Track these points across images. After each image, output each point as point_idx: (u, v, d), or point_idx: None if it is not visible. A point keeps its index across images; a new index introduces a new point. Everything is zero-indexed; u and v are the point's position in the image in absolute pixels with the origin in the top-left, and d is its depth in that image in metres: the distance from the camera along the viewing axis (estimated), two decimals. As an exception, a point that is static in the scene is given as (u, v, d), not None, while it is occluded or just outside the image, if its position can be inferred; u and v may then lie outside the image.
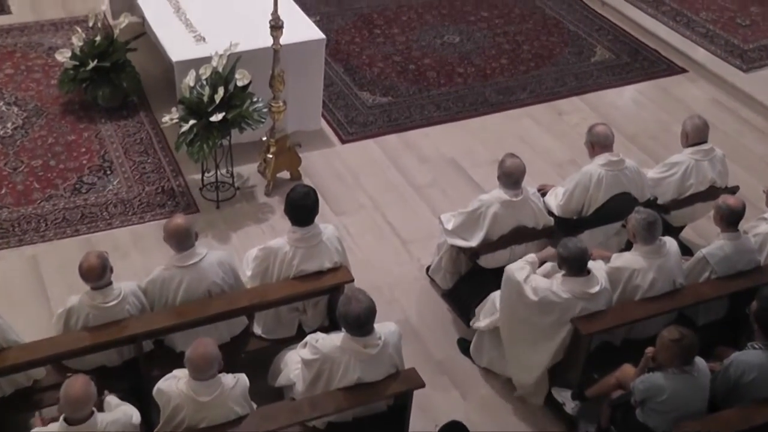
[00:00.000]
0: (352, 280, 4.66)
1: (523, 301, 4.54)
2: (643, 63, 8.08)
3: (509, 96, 7.48)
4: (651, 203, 5.30)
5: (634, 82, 7.81)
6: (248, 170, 6.37)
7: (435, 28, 8.40)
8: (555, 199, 5.32)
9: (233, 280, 4.60)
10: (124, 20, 6.62)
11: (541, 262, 4.73)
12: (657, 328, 4.43)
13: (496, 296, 4.82)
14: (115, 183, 6.19)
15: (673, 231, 5.47)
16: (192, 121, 5.65)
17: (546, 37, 8.39)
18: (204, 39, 6.24)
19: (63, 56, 6.67)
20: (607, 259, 4.78)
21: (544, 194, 5.37)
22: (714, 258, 4.78)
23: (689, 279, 4.81)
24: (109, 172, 6.28)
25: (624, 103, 7.58)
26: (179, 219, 4.47)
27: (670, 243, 4.74)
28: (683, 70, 8.02)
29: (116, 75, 6.72)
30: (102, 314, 4.32)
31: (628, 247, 4.97)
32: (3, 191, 6.03)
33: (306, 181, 6.30)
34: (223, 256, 4.60)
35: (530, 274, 4.58)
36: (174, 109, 5.78)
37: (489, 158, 6.56)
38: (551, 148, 6.90)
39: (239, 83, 5.78)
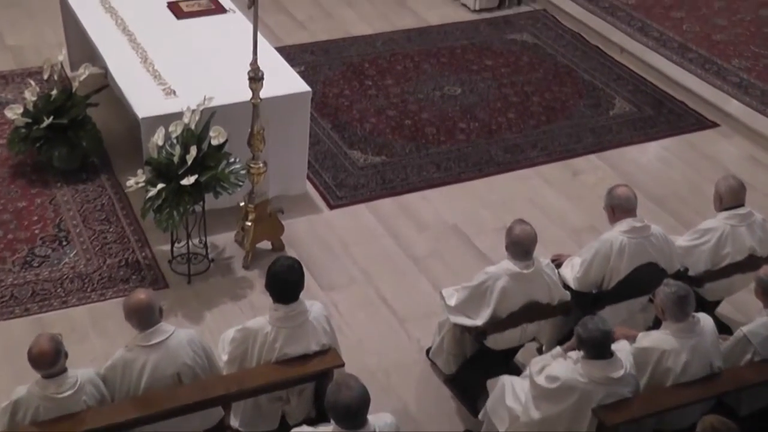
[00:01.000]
0: (343, 365, 4.68)
1: (538, 395, 4.54)
2: (669, 116, 8.25)
3: (518, 154, 7.62)
4: (681, 275, 5.35)
5: (659, 138, 7.96)
6: (224, 240, 6.44)
7: (434, 78, 8.59)
8: (571, 271, 5.38)
9: (206, 361, 4.62)
10: (84, 72, 6.77)
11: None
12: (693, 419, 4.43)
13: (506, 384, 4.83)
14: (71, 255, 6.25)
15: (708, 306, 5.50)
16: (160, 185, 5.74)
17: (558, 87, 8.58)
18: (174, 92, 6.38)
19: (14, 113, 6.78)
20: (632, 339, 4.79)
21: (558, 265, 5.42)
22: (756, 337, 4.79)
23: (728, 361, 4.82)
24: (65, 243, 6.34)
25: (648, 161, 7.72)
26: (141, 293, 4.52)
27: (704, 320, 4.77)
28: (714, 124, 8.19)
29: (74, 133, 6.84)
30: (55, 406, 4.32)
31: (656, 325, 5.00)
32: (-57, 265, 6.08)
33: (290, 252, 6.37)
34: (194, 334, 4.63)
35: (546, 364, 4.60)
36: (140, 172, 5.87)
37: (496, 225, 6.65)
38: (566, 212, 7.01)
39: (214, 142, 5.89)
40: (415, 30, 9.43)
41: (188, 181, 5.69)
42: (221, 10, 7.40)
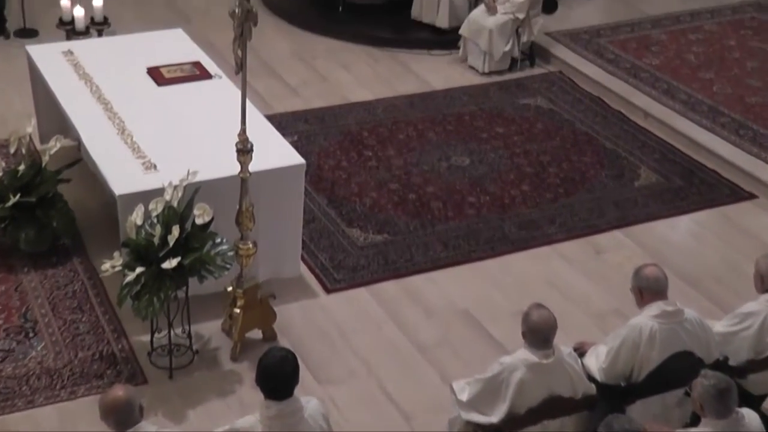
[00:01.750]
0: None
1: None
2: (701, 187, 8.32)
3: (534, 230, 7.67)
4: (721, 365, 5.32)
5: (690, 212, 8.02)
6: (210, 329, 6.44)
7: (439, 148, 8.69)
8: (596, 361, 5.36)
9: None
10: (55, 144, 6.85)
11: None
12: None
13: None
14: (39, 348, 6.24)
15: (753, 400, 5.40)
16: (139, 269, 5.77)
17: (577, 156, 8.67)
18: (154, 166, 6.45)
19: (-23, 190, 6.83)
20: (667, 438, 4.77)
21: (582, 354, 5.41)
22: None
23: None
24: (31, 335, 6.34)
25: (679, 237, 7.76)
26: (118, 390, 4.52)
27: (749, 416, 4.74)
28: (751, 195, 8.25)
29: (44, 212, 6.88)
30: None
31: (694, 421, 4.97)
32: None
33: (282, 341, 6.36)
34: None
35: None
36: (116, 254, 5.90)
37: (511, 309, 6.64)
38: (589, 295, 7.02)
39: (198, 221, 5.94)
40: (419, 95, 9.58)
41: (170, 264, 5.72)
42: (206, 75, 7.53)
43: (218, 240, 5.98)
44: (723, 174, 8.46)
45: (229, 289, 6.26)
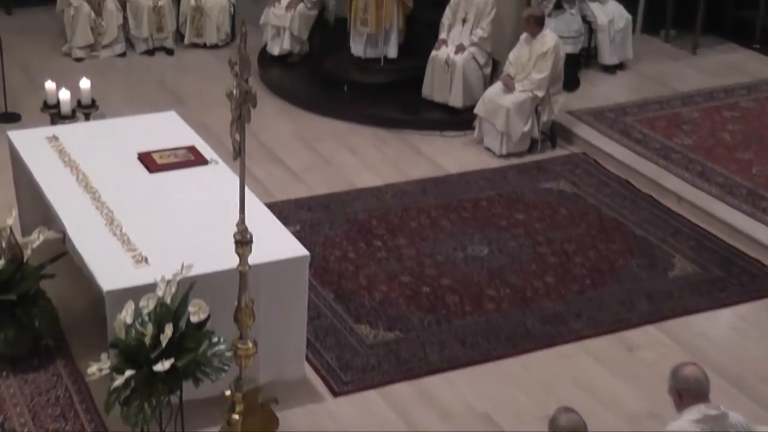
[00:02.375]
0: None
1: None
2: (741, 277, 8.31)
3: (559, 326, 7.65)
4: (768, 473, 5.30)
5: (730, 304, 7.99)
6: (204, 438, 6.40)
7: (455, 236, 8.73)
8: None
9: None
10: (38, 237, 6.89)
11: None
12: None
13: None
14: (17, 460, 6.19)
15: None
16: (129, 372, 5.75)
17: (605, 244, 8.69)
18: (146, 260, 6.48)
19: (-48, 287, 6.85)
20: None
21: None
22: None
23: None
24: (9, 446, 6.29)
25: (720, 333, 7.72)
26: None
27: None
28: (796, 286, 8.25)
29: (25, 311, 6.89)
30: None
31: None
32: None
33: (284, 451, 6.32)
34: None
35: None
36: (104, 356, 5.89)
37: (536, 413, 6.59)
38: (621, 396, 6.97)
39: (193, 318, 5.94)
40: (432, 180, 9.65)
41: (162, 366, 5.70)
42: (201, 161, 7.61)
43: (215, 339, 5.98)
44: (766, 263, 8.46)
45: (227, 392, 6.23)
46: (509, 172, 9.83)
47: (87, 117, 9.30)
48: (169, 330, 5.79)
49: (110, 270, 6.36)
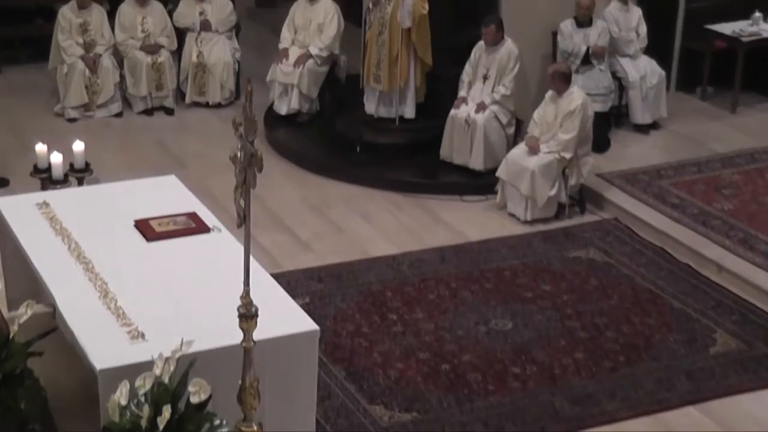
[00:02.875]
0: None
1: None
2: (788, 353, 8.27)
3: (591, 407, 7.59)
4: None
5: (777, 383, 7.95)
6: None
7: (476, 309, 8.70)
8: None
9: None
10: (26, 311, 6.86)
11: None
12: None
13: None
14: None
15: None
16: (122, 458, 5.72)
17: (640, 318, 8.65)
18: (142, 335, 6.46)
19: (-66, 365, 6.84)
20: None
21: None
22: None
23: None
24: None
25: (767, 414, 7.66)
26: None
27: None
28: None
29: (10, 392, 6.85)
30: None
31: None
32: None
33: None
34: None
35: None
36: (96, 440, 5.86)
37: (568, 503, 6.54)
38: (661, 484, 6.90)
39: (194, 399, 5.90)
40: (451, 248, 9.65)
41: (159, 451, 5.67)
42: (203, 228, 7.61)
43: (217, 422, 5.93)
44: (815, 337, 8.41)
45: (229, 481, 6.18)
46: (535, 240, 9.82)
47: (80, 182, 9.34)
48: (167, 412, 5.75)
49: (104, 347, 6.33)
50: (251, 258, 5.94)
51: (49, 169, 9.28)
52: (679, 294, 8.98)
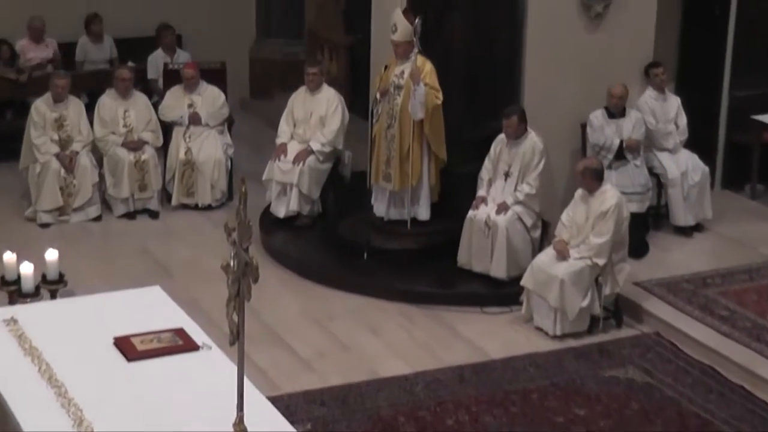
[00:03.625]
0: None
1: None
2: None
3: None
4: None
5: None
6: None
7: (501, 437, 8.63)
8: None
9: None
10: (-9, 442, 6.83)
11: None
12: None
13: None
14: None
15: None
16: None
17: (687, 446, 8.57)
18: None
19: None
20: None
21: None
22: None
23: None
24: None
25: None
26: None
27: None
28: None
29: None
30: None
31: None
32: None
33: None
34: None
35: None
36: None
37: None
38: None
39: None
40: (471, 366, 9.59)
41: None
42: (191, 346, 7.56)
43: None
44: None
45: None
46: (566, 357, 9.77)
47: (53, 295, 9.33)
48: None
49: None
50: (245, 379, 5.91)
51: (18, 280, 9.25)
52: (732, 419, 8.88)
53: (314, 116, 12.14)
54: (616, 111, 11.46)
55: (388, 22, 11.04)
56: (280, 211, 11.96)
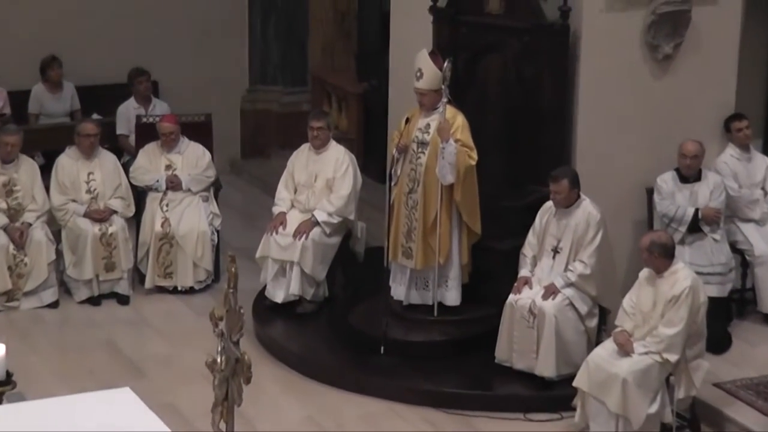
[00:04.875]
0: None
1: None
2: None
3: None
4: None
5: None
6: None
7: None
8: None
9: None
10: None
11: None
12: None
13: None
14: None
15: None
16: None
17: None
18: None
19: None
20: None
21: None
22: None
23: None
24: None
25: None
26: None
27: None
28: None
29: None
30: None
31: None
32: None
33: None
34: None
35: None
36: None
37: None
38: None
39: None
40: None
41: None
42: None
43: None
44: None
45: None
46: None
47: (-1, 398, 9.29)
48: None
49: None
50: None
51: (-45, 381, 9.24)
52: None
53: (320, 180, 12.10)
54: (689, 174, 11.41)
55: (409, 67, 11.05)
56: (279, 295, 11.90)
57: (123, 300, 12.50)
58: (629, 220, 11.50)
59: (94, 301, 12.43)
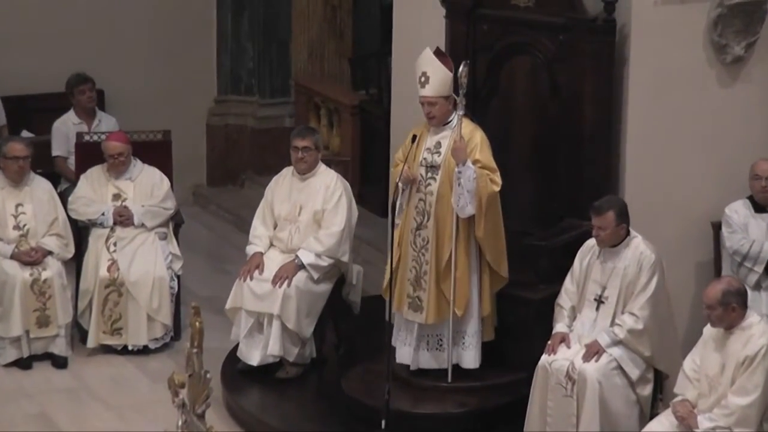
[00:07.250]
0: None
1: None
2: None
3: None
4: None
5: None
6: None
7: None
8: None
9: None
10: None
11: None
12: None
13: None
14: None
15: None
16: None
17: None
18: None
19: None
20: None
21: None
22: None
23: None
24: None
25: None
26: None
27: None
28: None
29: None
30: None
31: None
32: None
33: None
34: None
35: None
36: None
37: None
38: None
39: None
40: None
41: None
42: None
43: None
44: None
45: None
46: None
47: None
48: None
49: None
50: None
51: None
52: None
53: (305, 212, 12.07)
54: (765, 200, 11.37)
55: (414, 72, 10.97)
56: (254, 356, 11.86)
57: (60, 363, 12.48)
58: (692, 262, 11.48)
59: (23, 363, 12.40)
